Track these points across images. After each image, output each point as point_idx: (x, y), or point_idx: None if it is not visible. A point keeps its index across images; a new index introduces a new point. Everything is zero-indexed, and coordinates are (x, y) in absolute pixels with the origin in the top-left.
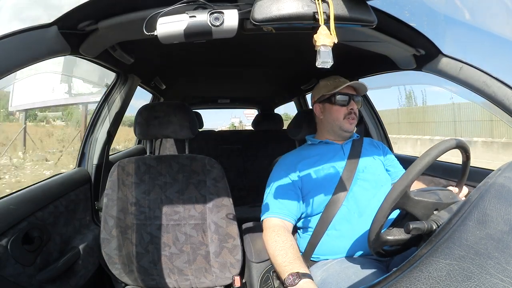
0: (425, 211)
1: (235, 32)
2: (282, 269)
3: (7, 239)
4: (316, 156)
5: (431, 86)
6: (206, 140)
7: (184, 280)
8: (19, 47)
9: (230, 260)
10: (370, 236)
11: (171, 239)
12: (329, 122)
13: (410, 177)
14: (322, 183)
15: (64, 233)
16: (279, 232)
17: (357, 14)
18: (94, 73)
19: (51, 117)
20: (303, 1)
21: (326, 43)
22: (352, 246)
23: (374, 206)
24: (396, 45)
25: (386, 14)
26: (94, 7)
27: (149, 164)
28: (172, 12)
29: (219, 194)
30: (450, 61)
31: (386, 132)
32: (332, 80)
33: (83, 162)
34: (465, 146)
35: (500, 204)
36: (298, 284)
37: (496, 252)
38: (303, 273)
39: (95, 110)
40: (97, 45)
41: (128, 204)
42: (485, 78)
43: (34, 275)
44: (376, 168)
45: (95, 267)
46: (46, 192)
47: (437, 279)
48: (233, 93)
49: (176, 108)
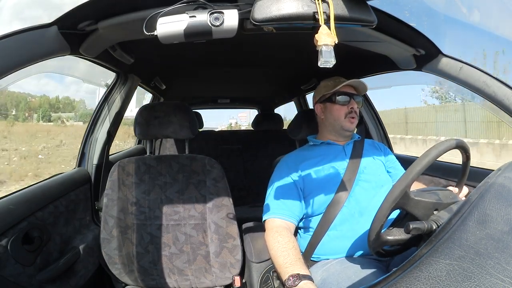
0: (425, 211)
1: (235, 32)
2: (283, 270)
3: (7, 239)
4: (318, 157)
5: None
6: (206, 140)
7: (184, 280)
8: (19, 47)
9: (230, 260)
10: (370, 236)
11: (171, 239)
12: (330, 122)
13: (410, 177)
14: (324, 184)
15: (64, 233)
16: (281, 233)
17: (357, 14)
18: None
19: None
20: (303, 1)
21: (327, 42)
22: (352, 246)
23: (374, 206)
24: (396, 45)
25: (386, 14)
26: (94, 7)
27: (149, 164)
28: (172, 12)
29: (219, 194)
30: (450, 61)
31: (386, 132)
32: (333, 81)
33: (83, 162)
34: (465, 146)
35: (500, 204)
36: (299, 285)
37: (496, 252)
38: (304, 274)
39: (95, 110)
40: (97, 45)
41: (128, 204)
42: (485, 78)
43: (34, 275)
44: (377, 168)
45: (95, 267)
46: (46, 192)
47: (437, 279)
48: (233, 93)
49: (176, 108)
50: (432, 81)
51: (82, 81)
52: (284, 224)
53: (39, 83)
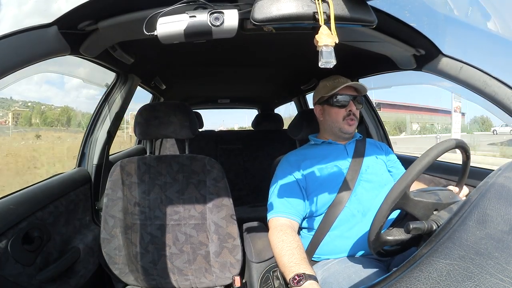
0: (425, 211)
1: (235, 32)
2: (288, 269)
3: (7, 239)
4: (319, 156)
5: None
6: (206, 140)
7: (184, 280)
8: (19, 47)
9: (230, 260)
10: (370, 236)
11: (171, 239)
12: (328, 124)
13: (409, 178)
14: (326, 183)
15: (64, 233)
16: (286, 231)
17: (357, 14)
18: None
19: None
20: (303, 1)
21: (328, 43)
22: (353, 246)
23: (376, 206)
24: (396, 45)
25: (386, 14)
26: (94, 7)
27: (149, 164)
28: (172, 12)
29: (219, 194)
30: (450, 61)
31: (386, 132)
32: (332, 81)
33: (83, 162)
34: (464, 146)
35: (500, 204)
36: (304, 285)
37: (496, 252)
38: (309, 274)
39: (95, 110)
40: (97, 45)
41: (128, 204)
42: (485, 78)
43: (34, 275)
44: (379, 168)
45: (95, 267)
46: (46, 192)
47: (437, 279)
48: (233, 93)
49: (176, 108)
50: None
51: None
52: (288, 223)
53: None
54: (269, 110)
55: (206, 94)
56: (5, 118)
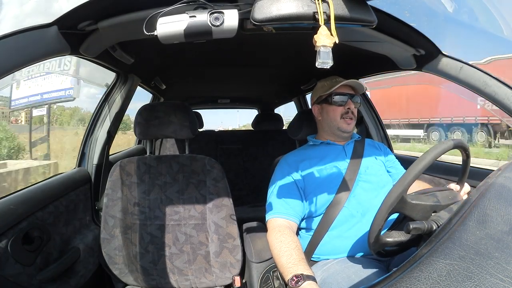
0: (423, 213)
1: (235, 32)
2: (286, 270)
3: (7, 239)
4: (318, 156)
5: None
6: (206, 140)
7: (184, 280)
8: (19, 47)
9: (230, 260)
10: (370, 238)
11: (171, 239)
12: (327, 123)
13: (406, 182)
14: (325, 183)
15: (64, 233)
16: (284, 232)
17: (357, 14)
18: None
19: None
20: (303, 1)
21: (326, 43)
22: (353, 246)
23: (376, 206)
24: (396, 45)
25: (386, 14)
26: (94, 7)
27: (149, 164)
28: (172, 12)
29: (219, 194)
30: (450, 61)
31: (386, 132)
32: (330, 81)
33: (83, 162)
34: (464, 146)
35: (500, 204)
36: (302, 286)
37: (496, 252)
38: (307, 275)
39: (95, 110)
40: (97, 45)
41: (128, 204)
42: (485, 78)
43: (34, 275)
44: (378, 169)
45: (95, 267)
46: (46, 192)
47: (437, 279)
48: (233, 93)
49: (176, 108)
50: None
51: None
52: (287, 224)
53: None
54: (269, 110)
55: (206, 94)
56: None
